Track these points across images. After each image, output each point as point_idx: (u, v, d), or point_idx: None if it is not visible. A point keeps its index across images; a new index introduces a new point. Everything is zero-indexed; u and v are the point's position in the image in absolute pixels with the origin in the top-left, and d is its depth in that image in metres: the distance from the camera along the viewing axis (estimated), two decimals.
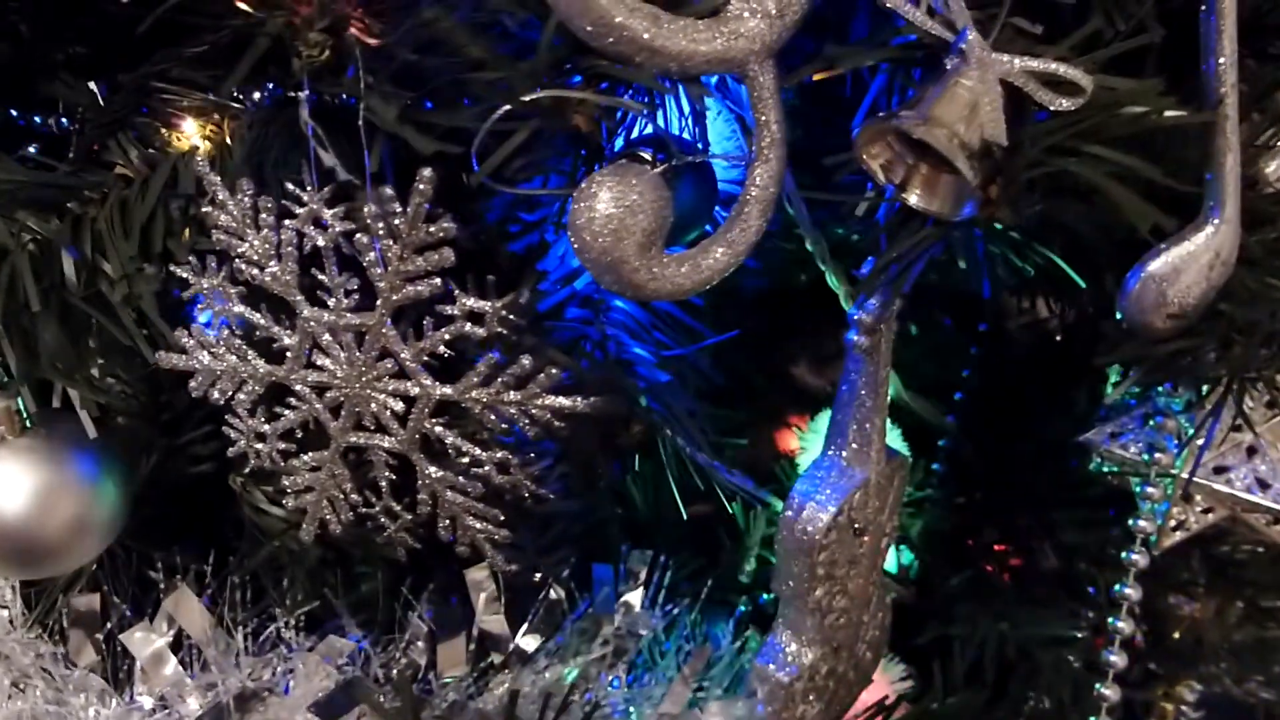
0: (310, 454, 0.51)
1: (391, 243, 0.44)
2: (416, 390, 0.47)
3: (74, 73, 0.55)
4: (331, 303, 0.47)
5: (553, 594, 0.63)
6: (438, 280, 0.44)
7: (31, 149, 0.54)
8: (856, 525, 0.62)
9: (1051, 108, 0.40)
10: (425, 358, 0.47)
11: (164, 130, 0.56)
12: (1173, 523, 0.72)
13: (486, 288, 0.44)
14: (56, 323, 0.49)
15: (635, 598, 0.67)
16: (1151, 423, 0.70)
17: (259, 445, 0.51)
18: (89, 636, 0.60)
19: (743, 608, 0.83)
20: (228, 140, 0.54)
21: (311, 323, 0.47)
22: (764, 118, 0.44)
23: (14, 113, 0.56)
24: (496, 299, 0.44)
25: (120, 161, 0.54)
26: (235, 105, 0.49)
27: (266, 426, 0.51)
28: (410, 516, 0.51)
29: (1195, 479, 0.70)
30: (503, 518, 0.50)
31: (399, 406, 0.48)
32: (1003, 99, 0.40)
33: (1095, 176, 0.41)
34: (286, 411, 0.50)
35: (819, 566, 0.61)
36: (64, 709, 0.61)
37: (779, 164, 0.44)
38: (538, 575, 0.68)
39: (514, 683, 0.57)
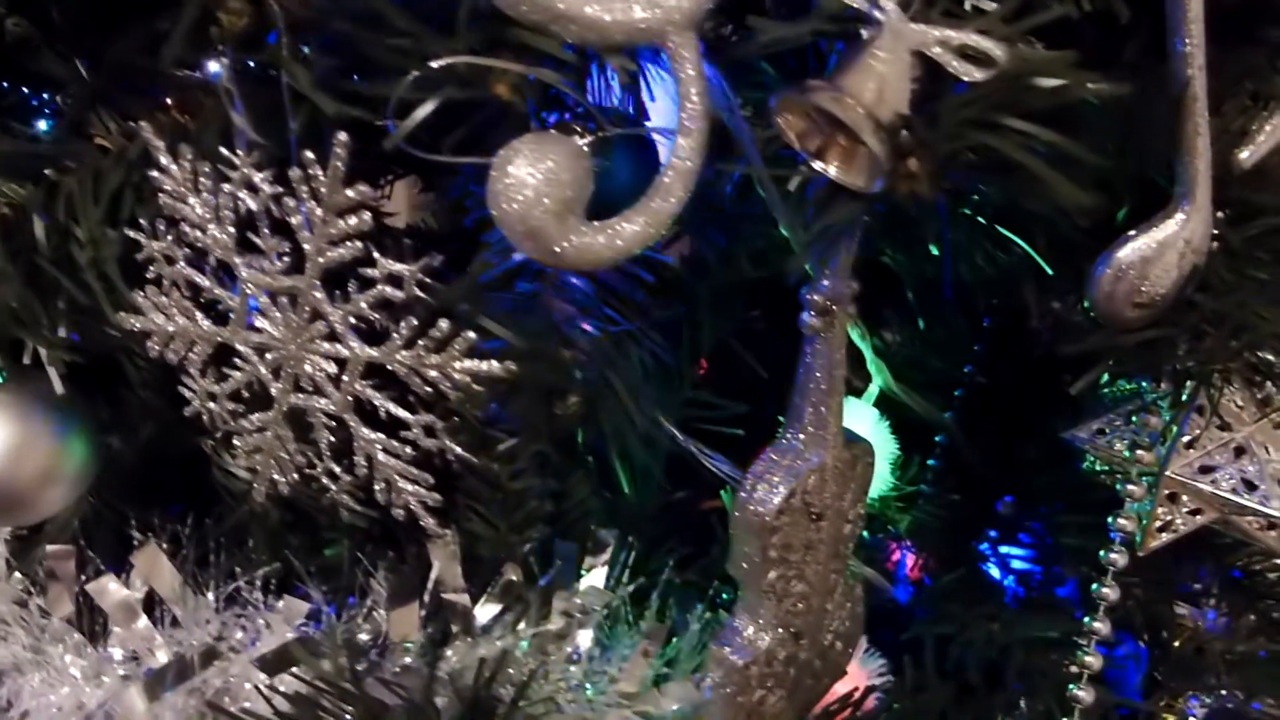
0: (256, 415, 0.53)
1: (315, 206, 0.45)
2: (346, 353, 0.49)
3: (60, 48, 0.58)
4: (266, 265, 0.48)
5: (510, 570, 0.63)
6: (359, 243, 0.46)
7: (12, 121, 0.57)
8: (812, 509, 0.61)
9: (963, 79, 0.39)
10: (353, 320, 0.48)
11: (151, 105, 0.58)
12: (1158, 524, 0.70)
13: (404, 251, 0.46)
14: (24, 283, 0.51)
15: (598, 575, 0.68)
16: (1136, 419, 0.68)
17: (211, 405, 0.53)
18: (65, 588, 0.63)
19: (726, 595, 0.83)
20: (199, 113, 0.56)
21: (250, 285, 0.49)
22: (686, 90, 0.44)
23: (4, 85, 0.58)
24: (414, 262, 0.45)
25: (100, 134, 0.56)
26: (196, 76, 0.51)
27: (216, 387, 0.52)
28: (349, 478, 0.53)
29: (1179, 477, 0.68)
30: (432, 480, 0.51)
31: (332, 369, 0.49)
32: (915, 70, 0.40)
33: (1013, 151, 0.40)
34: (233, 372, 0.52)
35: (771, 549, 0.60)
36: (41, 657, 0.64)
37: (701, 136, 0.44)
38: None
39: (468, 651, 0.58)
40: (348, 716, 0.50)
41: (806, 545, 0.62)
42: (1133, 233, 0.57)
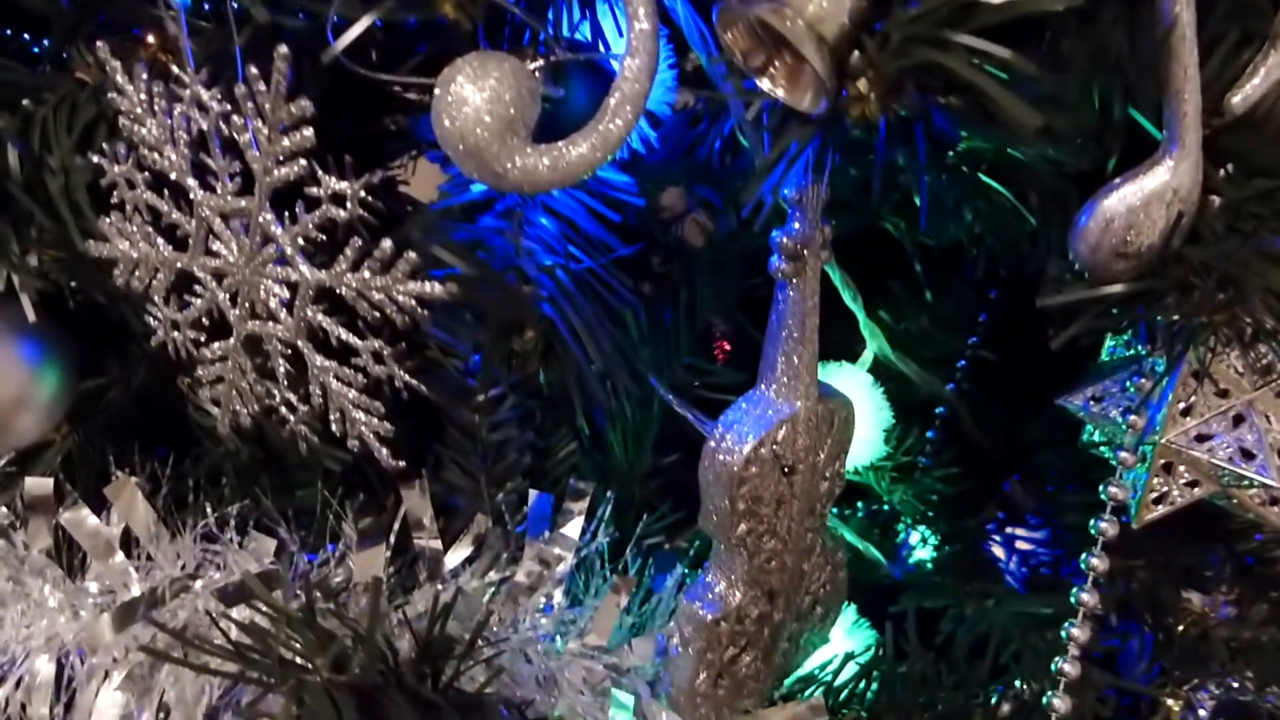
0: (217, 344, 0.53)
1: (260, 124, 0.45)
2: (296, 276, 0.49)
3: None
4: (219, 187, 0.49)
5: (481, 518, 0.63)
6: (303, 161, 0.46)
7: None
8: (783, 462, 0.60)
9: None
10: (302, 242, 0.48)
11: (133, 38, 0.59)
12: (1153, 495, 0.68)
13: (346, 169, 0.45)
14: None
15: (573, 527, 0.67)
16: (1130, 384, 0.66)
17: (175, 335, 0.54)
18: (44, 521, 0.63)
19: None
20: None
21: (205, 208, 0.49)
22: (635, 9, 0.43)
23: None
24: (355, 180, 0.45)
25: (79, 68, 0.57)
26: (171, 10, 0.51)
27: (179, 315, 0.53)
28: (306, 409, 0.53)
29: (1174, 444, 0.65)
30: (384, 410, 0.51)
31: (284, 294, 0.49)
32: None
33: (964, 70, 0.39)
34: (194, 300, 0.52)
35: (740, 500, 0.59)
36: (21, 588, 0.65)
37: (649, 58, 0.44)
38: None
39: (432, 593, 0.57)
40: (296, 645, 0.50)
41: (778, 499, 0.61)
42: (1118, 181, 0.55)
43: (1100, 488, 0.71)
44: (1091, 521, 0.66)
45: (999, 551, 0.92)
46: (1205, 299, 0.53)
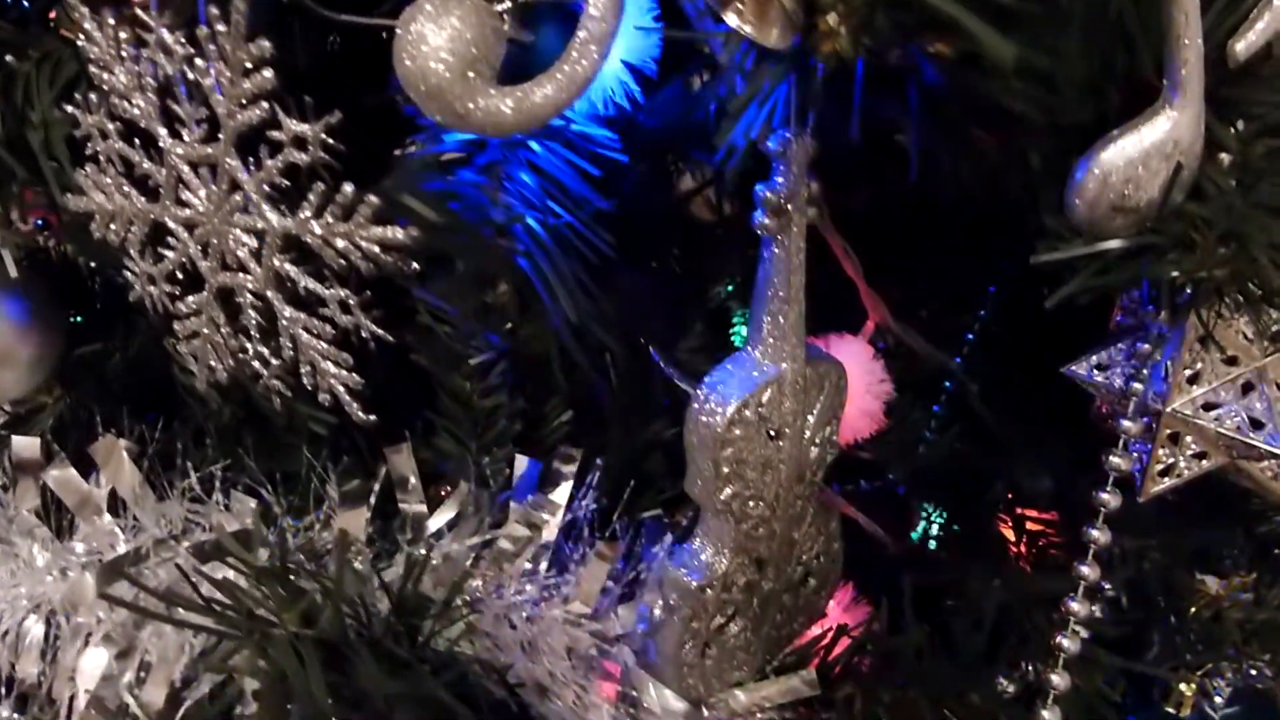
0: (191, 297, 0.53)
1: (223, 66, 0.45)
2: (263, 224, 0.48)
3: None
4: (186, 134, 0.48)
5: (464, 483, 0.62)
6: (266, 104, 0.45)
7: None
8: (769, 425, 0.59)
9: None
10: (267, 189, 0.47)
11: None
12: (1159, 466, 0.65)
13: (306, 110, 0.45)
14: None
15: (560, 493, 0.66)
16: (1135, 350, 0.63)
17: (151, 289, 0.53)
18: (31, 480, 0.64)
19: None
20: None
21: (174, 156, 0.49)
22: None
23: None
24: (316, 122, 0.45)
25: (64, 25, 0.57)
26: None
27: (154, 268, 0.52)
28: (278, 362, 0.52)
29: (1180, 414, 0.63)
30: (352, 361, 0.50)
31: (252, 242, 0.49)
32: None
33: (937, 2, 0.37)
34: (168, 252, 0.52)
35: (724, 463, 0.58)
36: (9, 548, 0.65)
37: None
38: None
39: (413, 556, 0.57)
40: (265, 600, 0.50)
41: (764, 464, 0.59)
42: (1116, 133, 0.53)
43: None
44: (1093, 493, 0.64)
45: (1008, 532, 0.90)
46: (1207, 255, 0.51)
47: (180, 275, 0.53)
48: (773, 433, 0.59)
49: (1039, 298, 0.81)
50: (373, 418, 0.53)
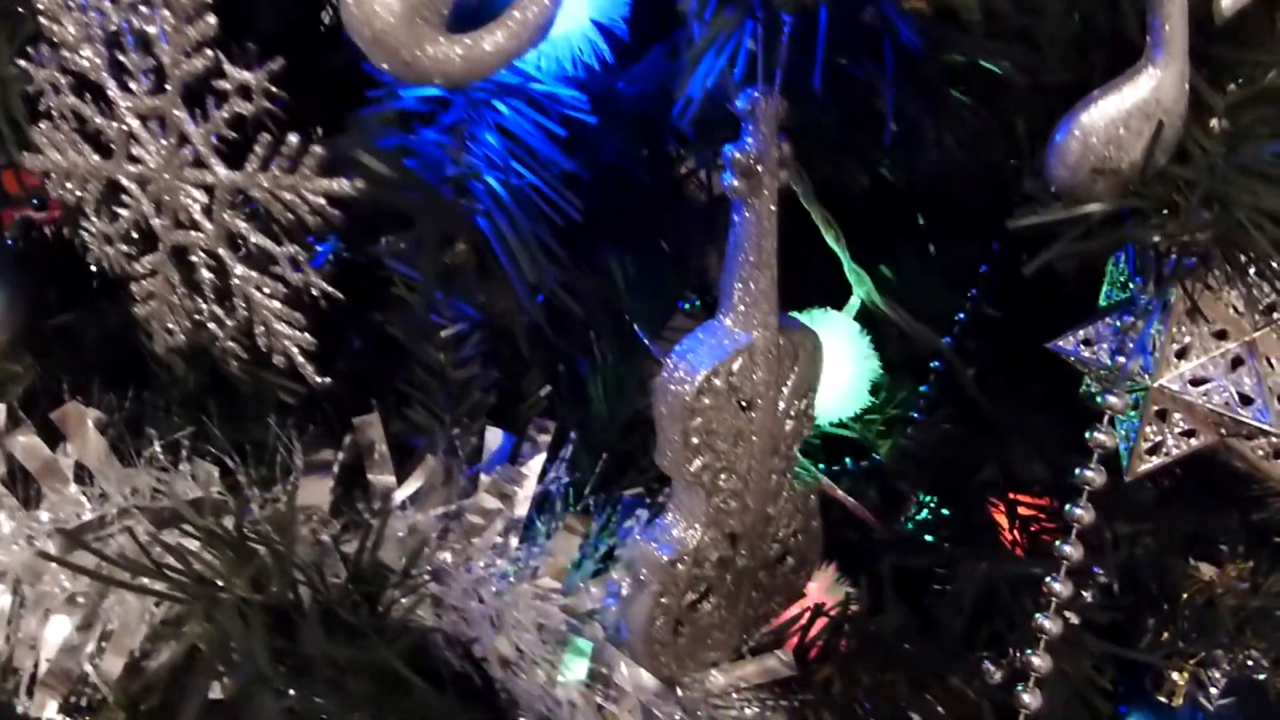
0: (147, 258, 0.52)
1: (167, 13, 0.44)
2: (212, 179, 0.47)
3: None
4: (134, 86, 0.47)
5: (431, 454, 0.61)
6: (210, 53, 0.44)
7: None
8: (740, 395, 0.57)
9: None
10: (215, 141, 0.46)
11: None
12: (1146, 444, 0.64)
13: (249, 58, 0.44)
14: None
15: (532, 465, 0.65)
16: (1122, 323, 0.61)
17: (108, 249, 0.52)
18: None
19: None
20: None
21: (123, 108, 0.48)
22: None
23: None
24: (260, 69, 0.43)
25: None
26: None
27: (110, 228, 0.51)
28: (233, 323, 0.51)
29: (1167, 389, 0.61)
30: (305, 320, 0.49)
31: (203, 198, 0.48)
32: None
33: None
34: (122, 211, 0.51)
35: (693, 434, 0.57)
36: None
37: None
38: None
39: (376, 527, 0.55)
40: (217, 565, 0.49)
41: (736, 435, 0.58)
42: (1096, 93, 0.51)
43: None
44: (1077, 469, 0.62)
45: (1001, 518, 0.88)
46: (1189, 219, 0.49)
47: (135, 235, 0.52)
48: (744, 403, 0.57)
49: (1032, 277, 0.80)
50: (328, 380, 0.52)
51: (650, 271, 0.85)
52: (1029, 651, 0.64)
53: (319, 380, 0.52)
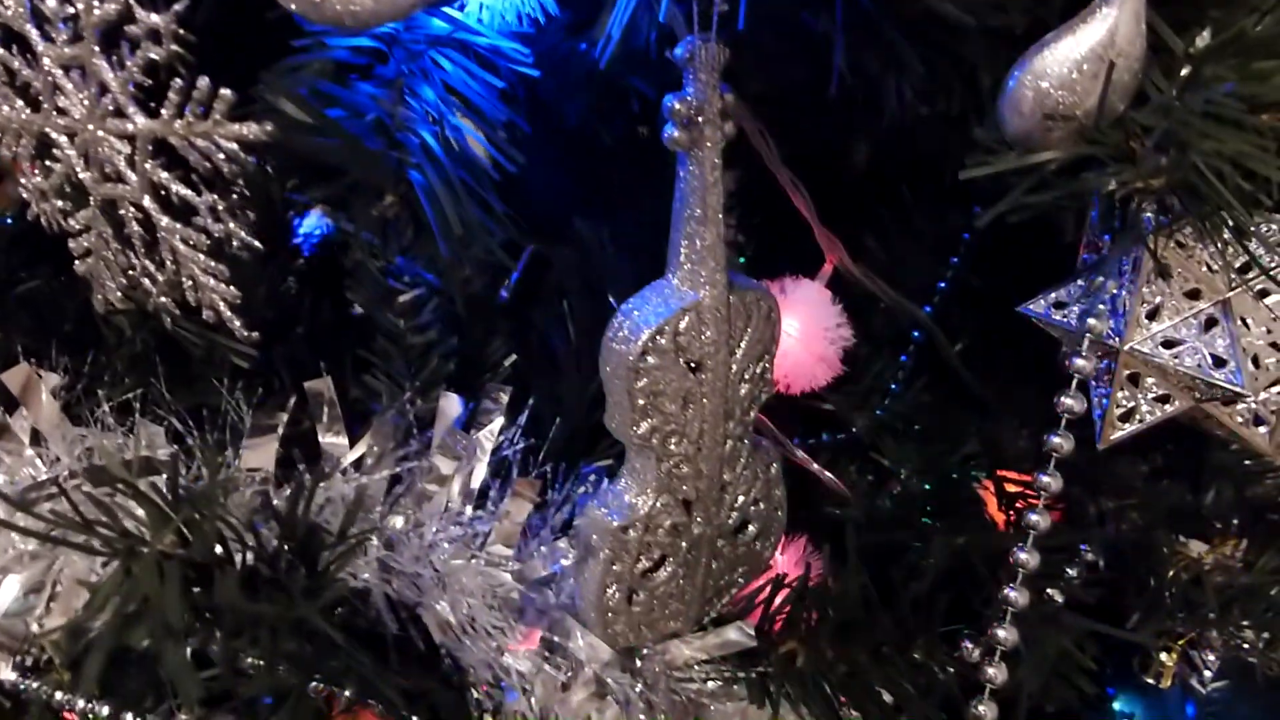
0: (81, 213, 0.51)
1: None
2: (133, 128, 0.46)
3: None
4: (55, 35, 0.46)
5: (378, 421, 0.60)
6: None
7: None
8: (687, 356, 0.56)
9: None
10: (132, 89, 0.45)
11: None
12: (1119, 411, 0.61)
13: (158, 2, 0.43)
14: None
15: (489, 432, 0.64)
16: (1090, 283, 0.59)
17: (44, 205, 0.52)
18: None
19: None
20: None
21: (47, 59, 0.47)
22: None
23: None
24: (168, 12, 0.42)
25: None
26: None
27: (45, 184, 0.51)
28: (163, 277, 0.50)
29: (1138, 351, 0.59)
30: (228, 272, 0.48)
31: (126, 148, 0.47)
32: None
33: None
34: (54, 165, 0.50)
35: (638, 395, 0.55)
36: None
37: None
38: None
39: (308, 486, 0.54)
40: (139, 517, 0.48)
41: (684, 397, 0.56)
42: (1050, 36, 0.49)
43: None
44: (1045, 435, 0.60)
45: (988, 495, 0.86)
46: (1144, 164, 0.47)
47: (68, 189, 0.51)
48: (692, 364, 0.56)
49: (1017, 246, 0.77)
50: (255, 335, 0.52)
51: (626, 240, 0.84)
52: (996, 625, 0.62)
53: (245, 335, 0.52)
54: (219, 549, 0.48)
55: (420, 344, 0.67)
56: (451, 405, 0.63)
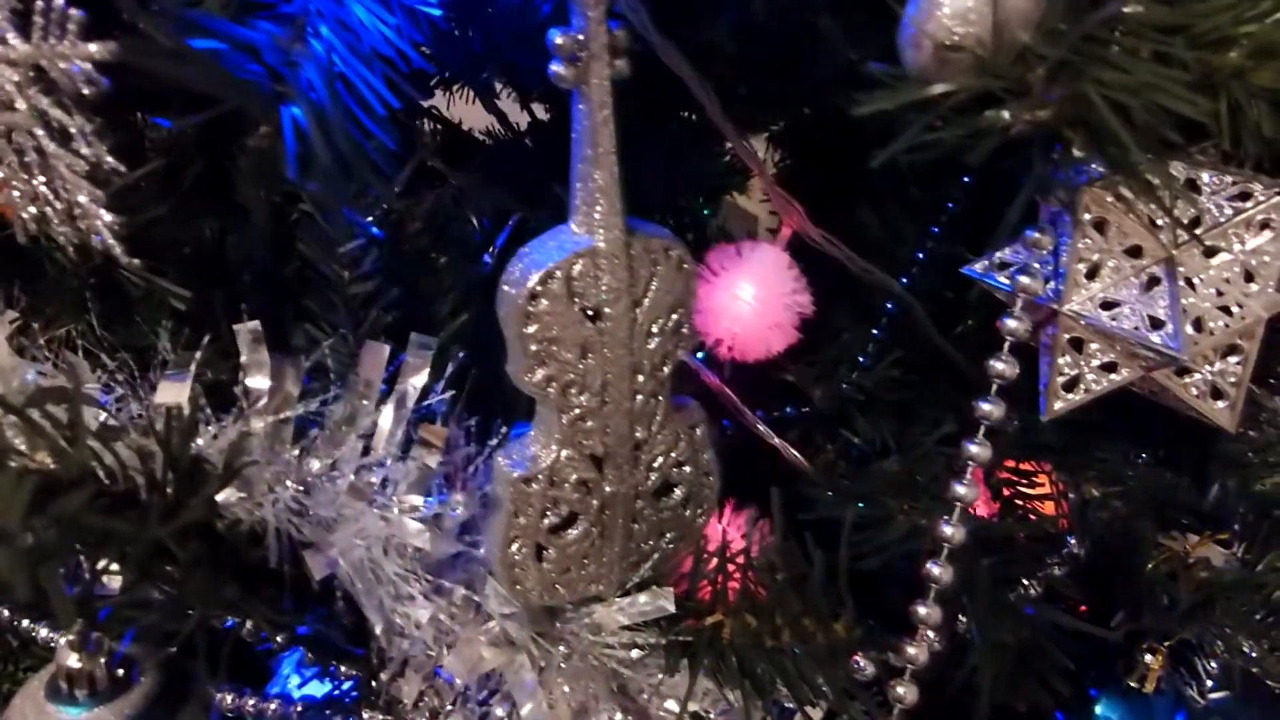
0: None
1: None
2: (14, 54, 0.48)
3: None
4: None
5: (280, 361, 0.61)
6: None
7: None
8: (585, 303, 0.54)
9: None
10: (8, 12, 0.47)
11: None
12: (1062, 379, 0.57)
13: None
14: None
15: (414, 383, 0.64)
16: (1027, 239, 0.55)
17: None
18: None
19: None
20: None
21: None
22: None
23: None
24: None
25: None
26: None
27: None
28: (61, 206, 0.52)
29: (1075, 311, 0.54)
30: (105, 199, 0.49)
31: (15, 75, 0.48)
32: None
33: None
34: None
35: (531, 341, 0.54)
36: None
37: None
38: None
39: (181, 419, 0.55)
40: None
41: (582, 346, 0.55)
42: None
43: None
44: (974, 401, 0.56)
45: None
46: (1037, 96, 0.44)
47: None
48: (590, 312, 0.54)
49: (1000, 216, 0.73)
50: (137, 262, 0.53)
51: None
52: (919, 602, 0.58)
53: (128, 261, 0.53)
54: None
55: (361, 294, 0.67)
56: (377, 353, 0.63)
